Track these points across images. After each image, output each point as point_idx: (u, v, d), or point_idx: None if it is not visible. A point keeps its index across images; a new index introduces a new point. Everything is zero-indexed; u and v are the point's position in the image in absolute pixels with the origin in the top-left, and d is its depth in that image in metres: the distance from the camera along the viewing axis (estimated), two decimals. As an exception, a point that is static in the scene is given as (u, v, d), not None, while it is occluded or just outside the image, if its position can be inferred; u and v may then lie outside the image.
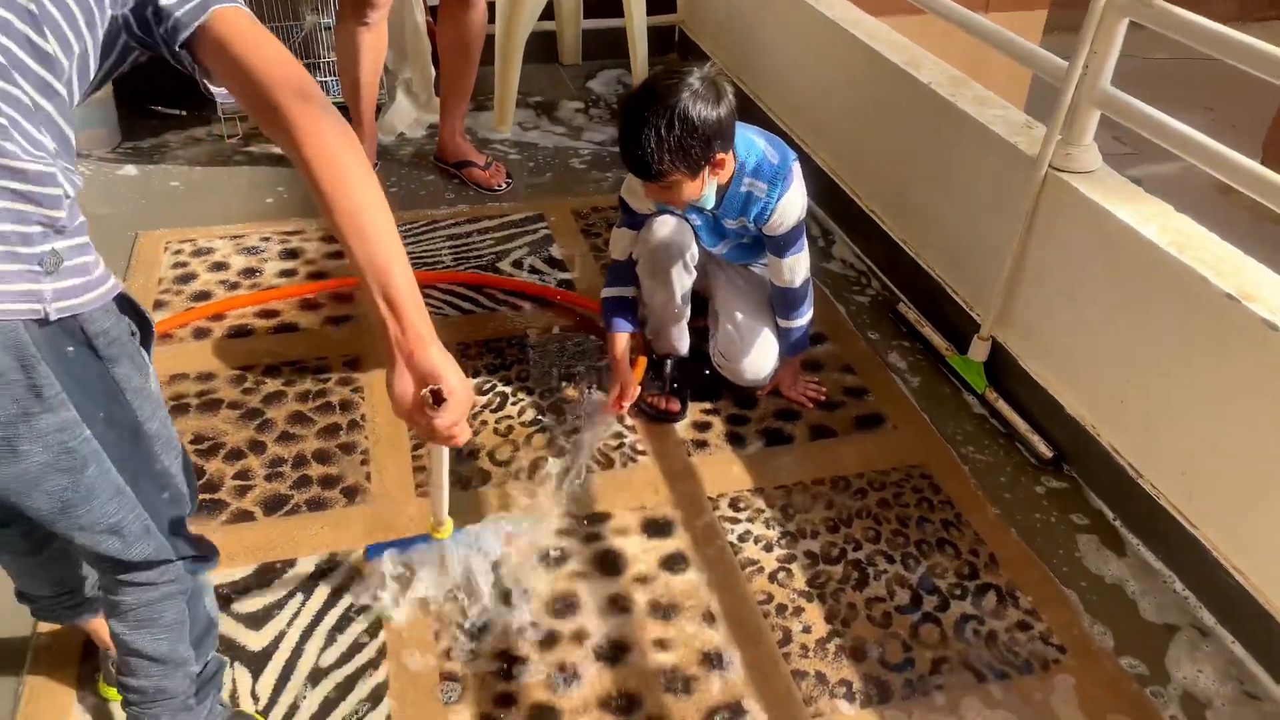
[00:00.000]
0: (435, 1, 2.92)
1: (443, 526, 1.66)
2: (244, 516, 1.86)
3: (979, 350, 2.24)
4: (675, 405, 2.16)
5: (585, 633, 1.68)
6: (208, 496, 1.89)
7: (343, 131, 1.02)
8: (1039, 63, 2.05)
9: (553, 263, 2.66)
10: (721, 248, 2.18)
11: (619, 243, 2.16)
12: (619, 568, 1.80)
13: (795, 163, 1.99)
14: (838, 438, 2.13)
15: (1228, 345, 1.68)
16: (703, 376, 2.23)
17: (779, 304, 2.14)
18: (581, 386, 2.21)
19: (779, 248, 2.04)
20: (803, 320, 2.14)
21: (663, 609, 1.73)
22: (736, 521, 1.91)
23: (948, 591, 1.79)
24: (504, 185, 3.01)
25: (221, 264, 2.58)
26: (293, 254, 2.63)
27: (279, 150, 3.22)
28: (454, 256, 2.66)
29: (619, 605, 1.73)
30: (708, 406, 2.19)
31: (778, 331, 2.16)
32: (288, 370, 2.22)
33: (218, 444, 2.01)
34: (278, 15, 3.19)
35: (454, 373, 1.05)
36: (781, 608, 1.74)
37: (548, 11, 3.61)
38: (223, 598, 1.69)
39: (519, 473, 1.99)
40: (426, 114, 3.36)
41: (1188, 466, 1.80)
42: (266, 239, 2.69)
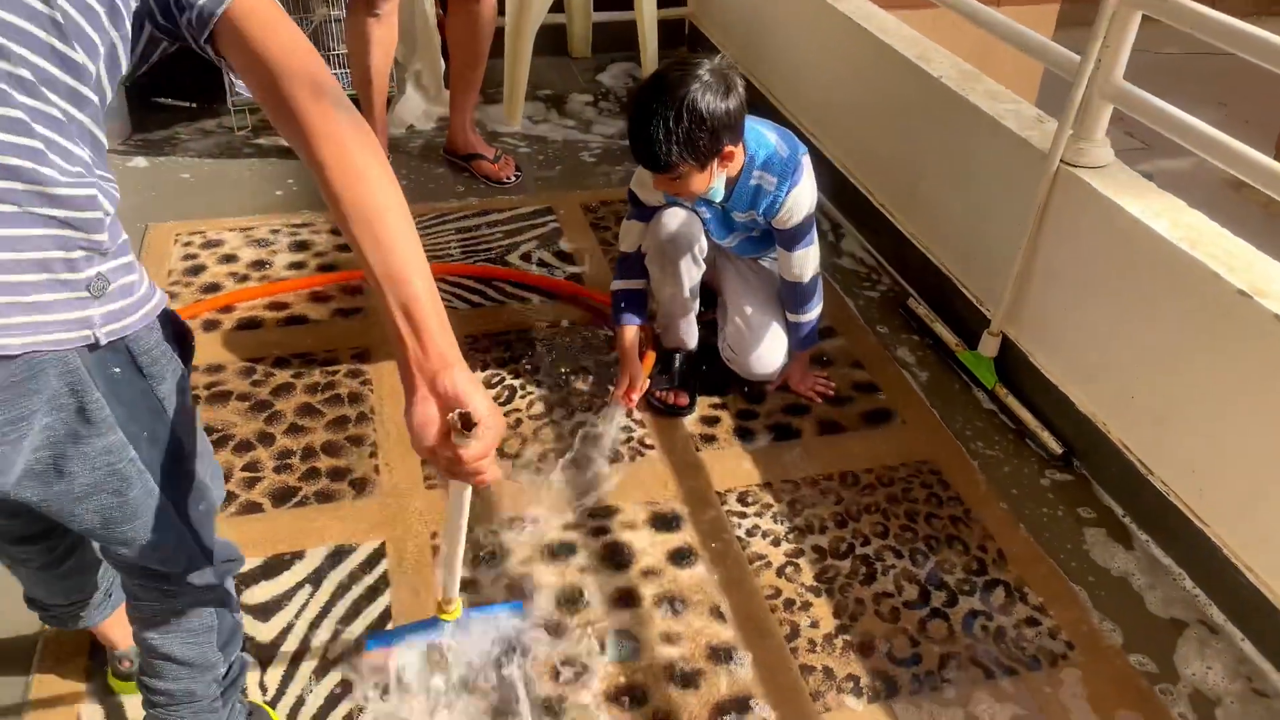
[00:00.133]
0: None
1: (452, 605, 1.43)
2: (252, 508, 1.87)
3: (989, 346, 2.23)
4: (684, 399, 2.15)
5: (593, 626, 1.68)
6: (217, 488, 1.90)
7: (359, 130, 0.94)
8: (1051, 57, 2.04)
9: (562, 256, 2.66)
10: (731, 241, 2.18)
11: (628, 235, 2.16)
12: (627, 561, 1.80)
13: (805, 156, 1.98)
14: (846, 433, 2.12)
15: (1239, 341, 1.67)
16: (710, 370, 2.23)
17: (788, 298, 2.14)
18: (591, 380, 2.21)
19: (788, 241, 2.03)
20: (812, 315, 2.14)
21: (670, 603, 1.73)
22: (744, 516, 1.91)
23: (956, 587, 1.78)
24: (513, 178, 3.01)
25: (231, 256, 2.58)
26: (302, 246, 2.64)
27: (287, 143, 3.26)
28: (463, 249, 2.66)
29: (627, 599, 1.73)
30: (716, 401, 2.19)
31: (787, 326, 2.16)
32: (297, 362, 2.23)
33: (226, 435, 2.02)
34: (288, 8, 3.16)
35: (484, 399, 0.93)
36: (789, 602, 1.74)
37: (558, 4, 3.62)
38: (231, 589, 1.69)
39: (528, 465, 1.99)
40: (436, 107, 3.36)
41: (1198, 463, 1.79)
42: (276, 231, 2.70)
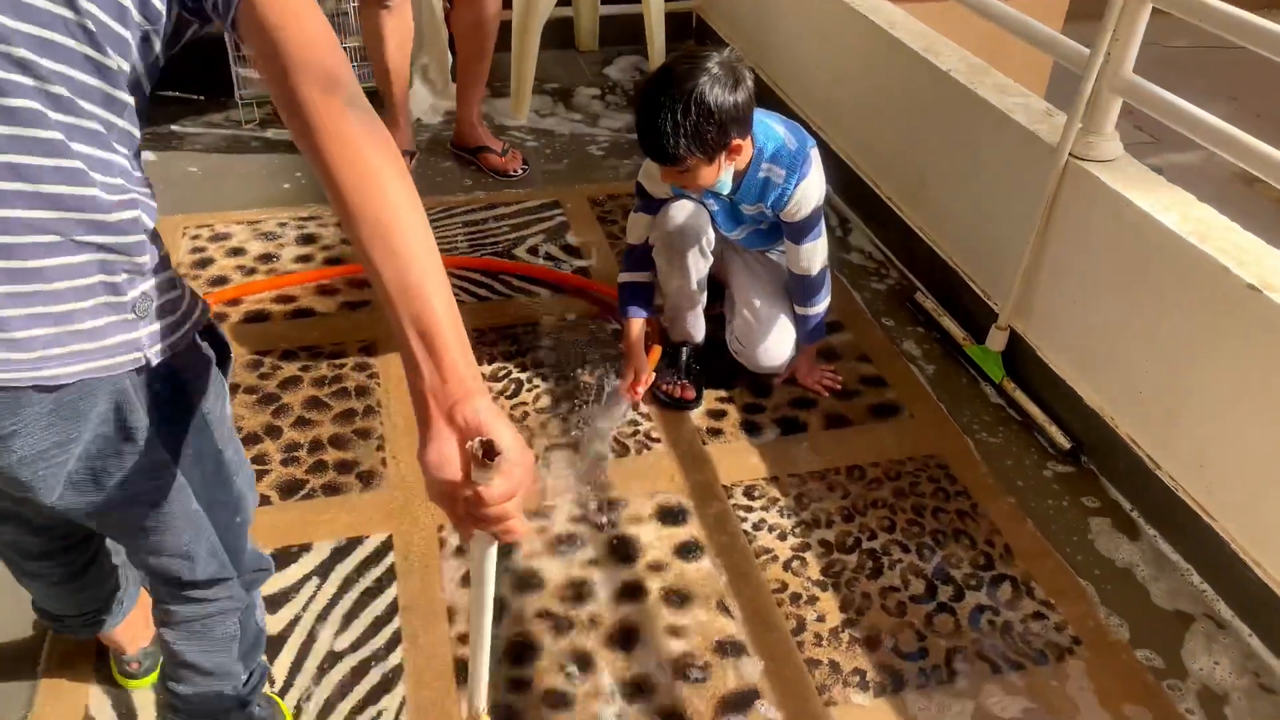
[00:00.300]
0: None
1: None
2: (260, 501, 1.85)
3: (997, 340, 2.23)
4: (690, 393, 2.15)
5: (599, 619, 1.68)
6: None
7: (373, 131, 0.85)
8: (1060, 49, 2.03)
9: (569, 250, 2.65)
10: (739, 233, 2.17)
11: (635, 227, 2.15)
12: (633, 555, 1.80)
13: (814, 149, 1.98)
14: (853, 427, 2.12)
15: (1249, 336, 1.66)
16: (718, 364, 2.23)
17: (796, 291, 2.13)
18: (597, 373, 2.21)
19: (796, 234, 2.03)
20: (820, 308, 2.13)
21: (676, 596, 1.73)
22: (751, 510, 1.91)
23: (962, 582, 1.78)
24: (520, 171, 3.00)
25: (238, 249, 2.59)
26: (309, 239, 2.64)
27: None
28: (470, 243, 2.66)
29: (632, 592, 1.73)
30: (723, 394, 2.19)
31: (794, 319, 2.16)
32: (304, 355, 2.23)
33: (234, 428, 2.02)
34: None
35: (510, 432, 0.82)
36: (795, 596, 1.74)
37: (564, -3, 3.61)
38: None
39: (534, 459, 1.99)
40: (443, 100, 3.36)
41: (1207, 458, 1.78)
42: (283, 224, 2.70)
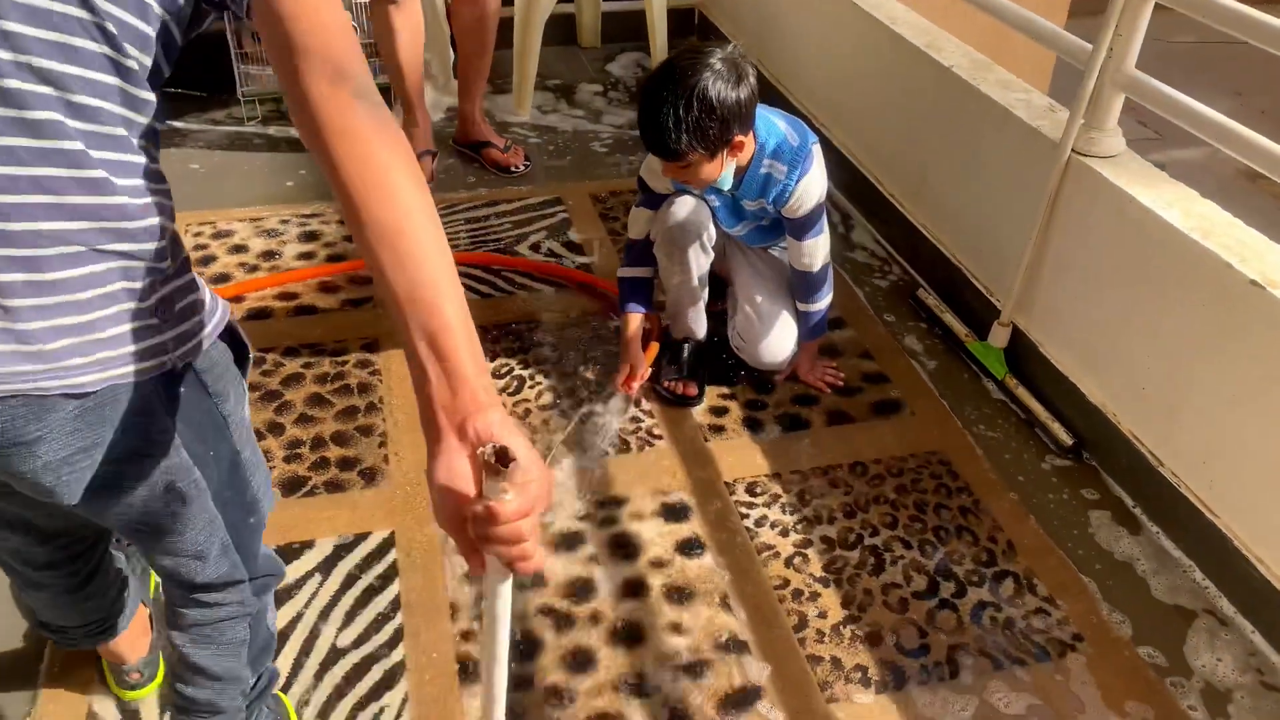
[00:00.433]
0: None
1: None
2: (263, 497, 1.87)
3: (999, 336, 2.23)
4: (692, 389, 2.15)
5: (601, 616, 1.68)
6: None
7: (382, 127, 0.80)
8: (1062, 45, 2.03)
9: (571, 246, 2.65)
10: (740, 229, 2.17)
11: (637, 222, 2.15)
12: (635, 552, 1.80)
13: (816, 145, 1.98)
14: (855, 423, 2.12)
15: (1251, 332, 1.66)
16: (720, 361, 2.23)
17: (798, 287, 2.13)
18: (599, 370, 2.21)
19: (798, 230, 2.02)
20: (822, 304, 2.13)
21: (678, 593, 1.73)
22: (753, 506, 1.91)
23: (965, 578, 1.78)
24: (522, 167, 3.00)
25: (241, 246, 2.59)
26: (312, 236, 2.64)
27: (297, 134, 3.25)
28: (471, 239, 2.66)
29: (635, 589, 1.73)
30: (725, 391, 2.19)
31: (796, 315, 2.15)
32: (306, 352, 2.23)
33: (237, 425, 2.02)
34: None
35: (525, 445, 0.74)
36: (798, 593, 1.74)
37: (567, -6, 3.60)
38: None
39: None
40: (445, 97, 3.36)
41: (1209, 455, 1.78)
42: (285, 221, 2.70)
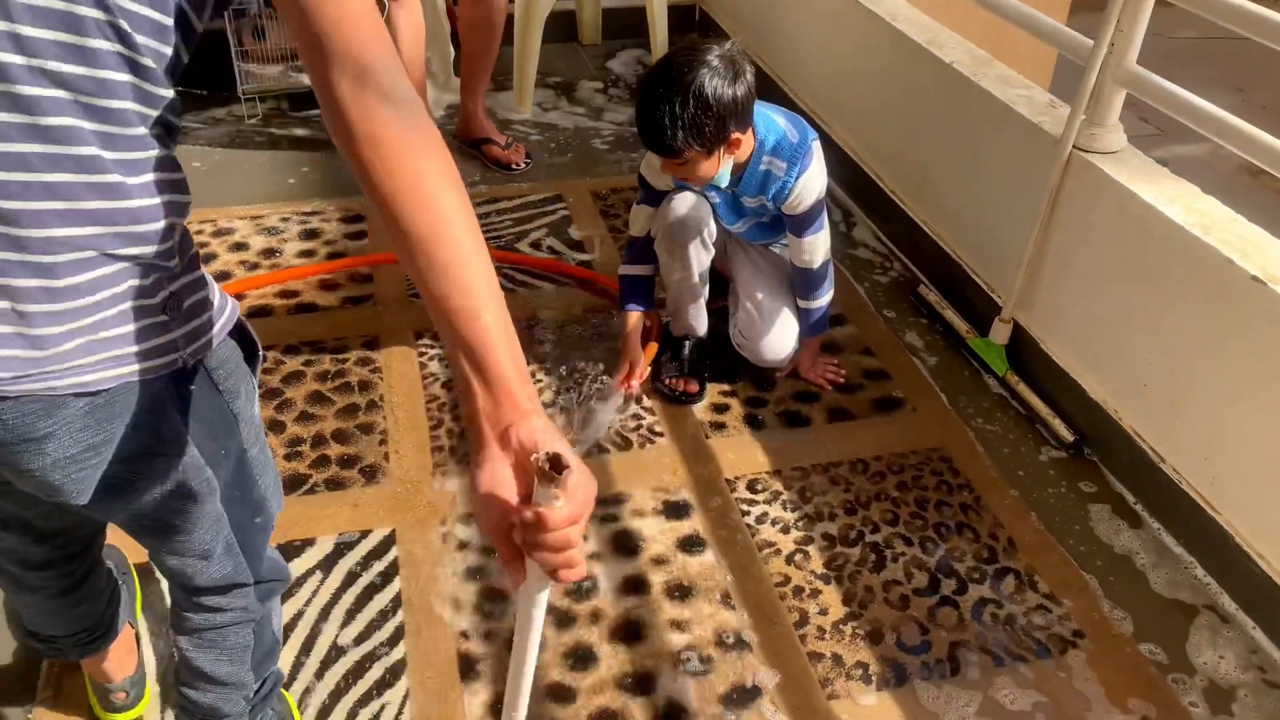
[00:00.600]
0: None
1: None
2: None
3: (1000, 333, 2.22)
4: (693, 387, 2.15)
5: (602, 613, 1.68)
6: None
7: (411, 129, 0.77)
8: (1063, 41, 2.02)
9: (571, 244, 2.65)
10: (740, 226, 2.17)
11: (637, 219, 2.15)
12: (635, 549, 1.80)
13: (815, 142, 1.97)
14: (856, 420, 2.12)
15: (1253, 328, 1.66)
16: (721, 357, 2.22)
17: (799, 284, 2.13)
18: (599, 368, 2.21)
19: (798, 227, 2.02)
20: (823, 301, 2.13)
21: (679, 590, 1.73)
22: (754, 503, 1.91)
23: (966, 575, 1.78)
24: (523, 164, 3.00)
25: (241, 244, 2.59)
26: (312, 234, 2.64)
27: (298, 131, 3.27)
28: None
29: (635, 586, 1.73)
30: (726, 388, 2.19)
31: (797, 312, 2.15)
32: (306, 350, 2.23)
33: (238, 423, 2.02)
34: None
35: (571, 453, 0.73)
36: (798, 590, 1.74)
37: (567, -9, 3.60)
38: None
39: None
40: (446, 94, 3.36)
41: (1211, 451, 1.78)
42: (286, 219, 2.70)
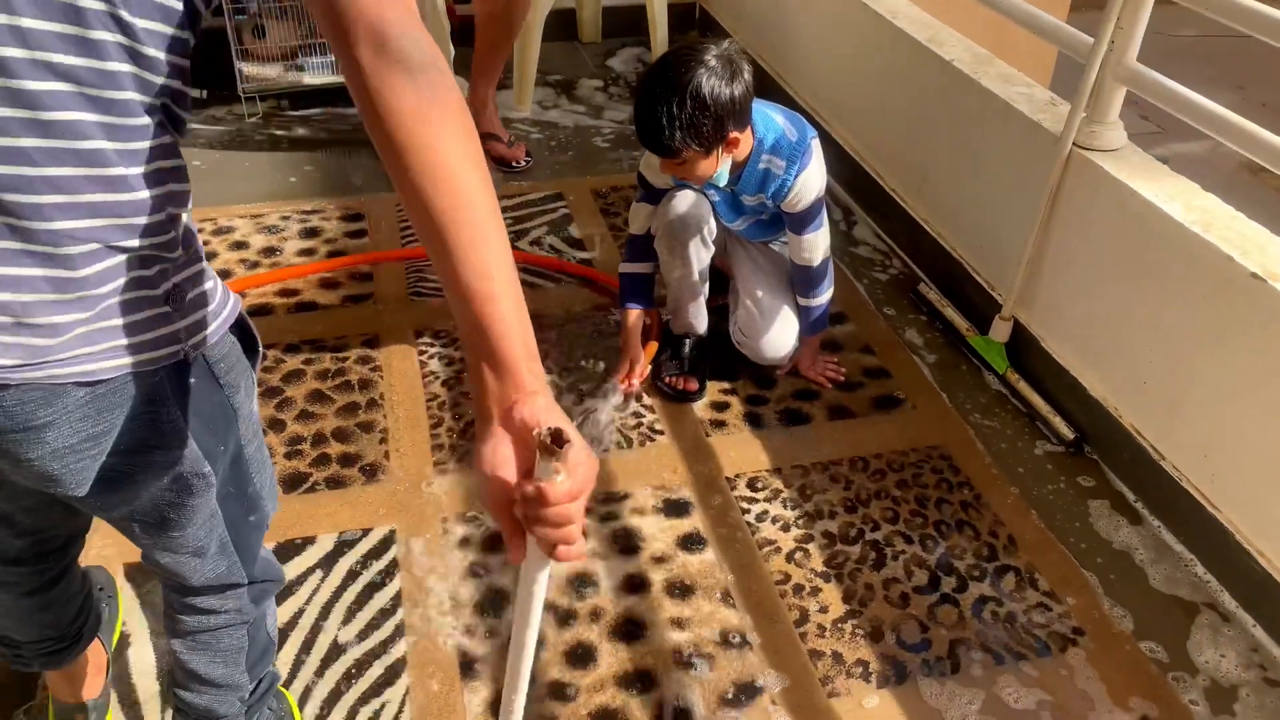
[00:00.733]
0: None
1: None
2: (264, 494, 1.88)
3: (1000, 330, 2.22)
4: (693, 385, 2.15)
5: (602, 611, 1.68)
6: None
7: (430, 100, 0.74)
8: (1064, 38, 2.02)
9: (572, 242, 2.65)
10: (740, 224, 2.17)
11: (637, 217, 2.15)
12: (636, 547, 1.80)
13: (815, 140, 1.97)
14: (856, 418, 2.12)
15: (1253, 325, 1.66)
16: (721, 355, 2.22)
17: (799, 282, 2.13)
18: (600, 366, 2.21)
19: (797, 225, 2.02)
20: (822, 299, 2.13)
21: (679, 588, 1.73)
22: (754, 501, 1.91)
23: (966, 573, 1.78)
24: (524, 162, 3.00)
25: (241, 243, 2.59)
26: (312, 233, 2.64)
27: (298, 130, 3.27)
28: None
29: (636, 584, 1.73)
30: (726, 386, 2.19)
31: (798, 310, 2.15)
32: (307, 349, 2.23)
33: (238, 422, 2.02)
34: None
35: (571, 427, 0.73)
36: (799, 588, 1.74)
37: (567, -11, 3.59)
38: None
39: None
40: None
41: (1211, 448, 1.78)
42: (286, 218, 2.70)
